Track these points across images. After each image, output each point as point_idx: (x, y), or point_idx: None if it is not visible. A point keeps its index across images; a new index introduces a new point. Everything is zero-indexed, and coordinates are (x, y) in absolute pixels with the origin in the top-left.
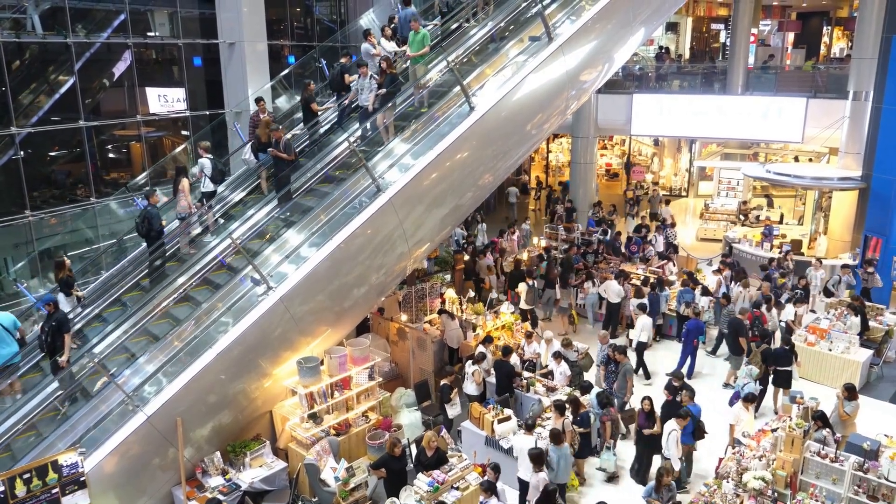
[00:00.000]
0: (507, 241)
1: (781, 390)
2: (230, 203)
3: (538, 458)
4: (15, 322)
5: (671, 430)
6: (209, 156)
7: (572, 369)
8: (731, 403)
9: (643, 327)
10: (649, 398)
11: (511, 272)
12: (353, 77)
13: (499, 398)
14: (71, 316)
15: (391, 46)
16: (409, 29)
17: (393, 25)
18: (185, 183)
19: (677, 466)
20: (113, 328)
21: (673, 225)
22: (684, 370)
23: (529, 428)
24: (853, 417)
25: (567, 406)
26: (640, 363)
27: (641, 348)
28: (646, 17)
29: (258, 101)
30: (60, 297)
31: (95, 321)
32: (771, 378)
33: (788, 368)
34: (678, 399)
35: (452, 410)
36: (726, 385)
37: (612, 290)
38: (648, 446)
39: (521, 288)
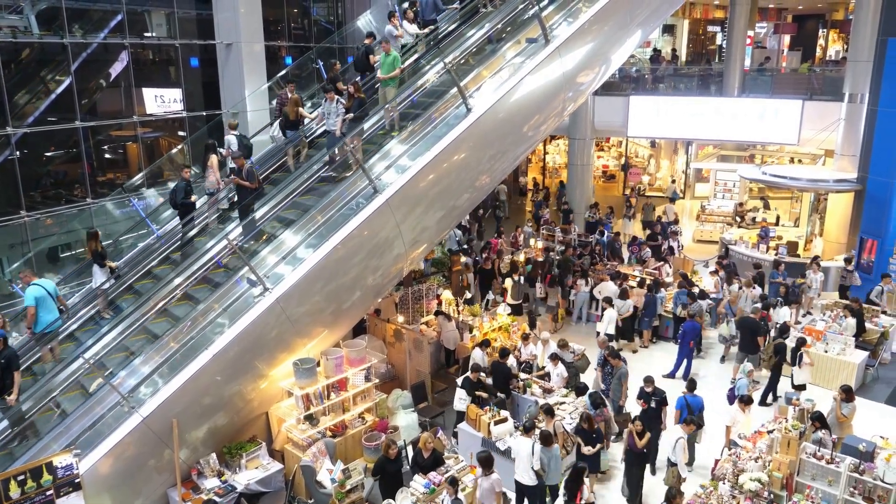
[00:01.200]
0: (504, 242)
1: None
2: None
3: (486, 462)
4: (56, 290)
5: (678, 438)
6: (235, 133)
7: (569, 370)
8: (731, 401)
9: (609, 320)
10: (640, 420)
11: (507, 273)
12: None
13: (496, 400)
14: (105, 287)
15: (413, 29)
16: (431, 12)
17: (415, 9)
18: (213, 159)
19: (685, 473)
20: (107, 330)
21: (676, 222)
22: (680, 372)
23: (528, 430)
24: (850, 419)
25: (583, 425)
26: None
27: (610, 340)
28: (642, 19)
29: (288, 82)
30: (95, 268)
31: (128, 293)
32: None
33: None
34: (652, 405)
35: (461, 405)
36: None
37: (609, 290)
38: (637, 465)
39: (508, 283)
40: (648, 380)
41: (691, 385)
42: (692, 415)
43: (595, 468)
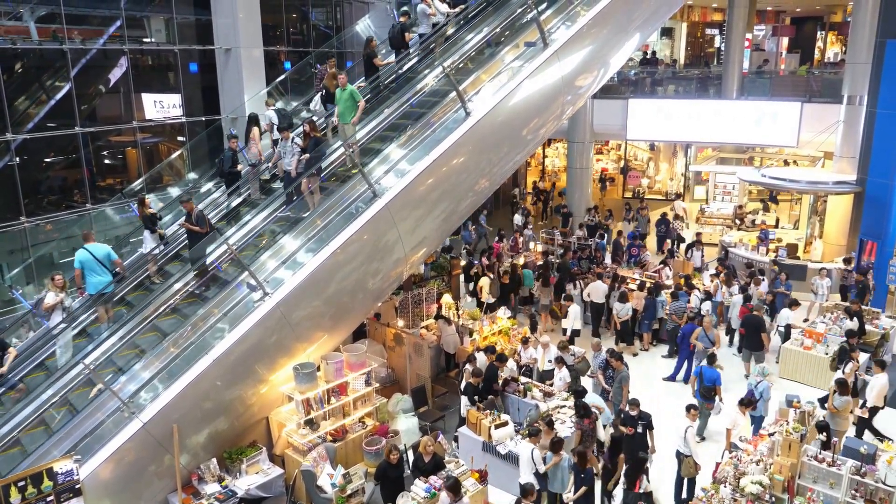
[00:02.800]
0: (504, 246)
1: None
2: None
3: (454, 488)
4: (109, 254)
5: (686, 427)
6: (274, 108)
7: (570, 373)
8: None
9: (574, 316)
10: (613, 437)
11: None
12: (413, 35)
13: (485, 400)
14: (155, 252)
15: (444, 8)
16: None
17: None
18: (255, 132)
19: (700, 461)
20: (107, 335)
21: (679, 218)
22: (681, 375)
23: (532, 435)
24: (844, 412)
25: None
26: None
27: (575, 335)
28: (641, 22)
29: (328, 57)
30: (146, 234)
31: (176, 260)
32: None
33: None
34: (639, 430)
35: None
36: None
37: (598, 290)
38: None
39: (484, 282)
40: (634, 402)
41: (711, 359)
42: (703, 385)
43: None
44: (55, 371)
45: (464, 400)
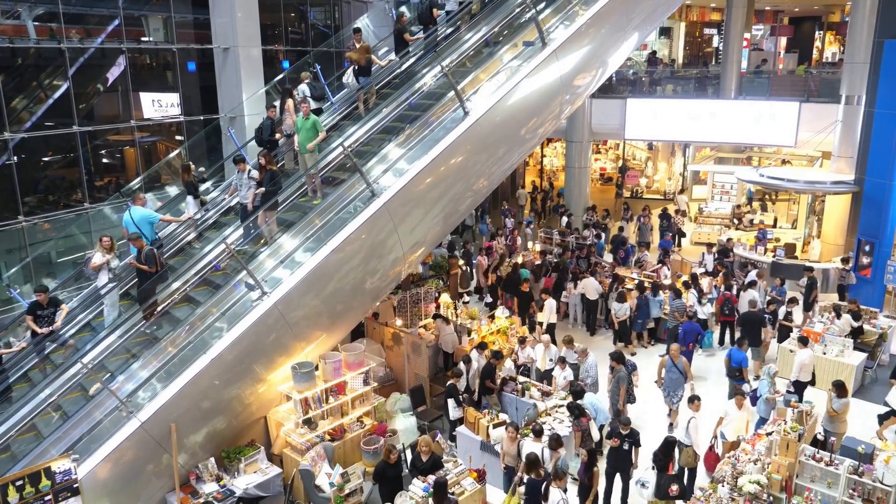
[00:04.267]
0: (499, 245)
1: None
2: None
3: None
4: (148, 217)
5: (690, 418)
6: (307, 82)
7: (571, 369)
8: (753, 402)
9: (550, 309)
10: (588, 450)
11: (508, 276)
12: (441, 12)
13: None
14: (197, 217)
15: None
16: None
17: None
18: (289, 103)
19: (702, 452)
20: (106, 334)
21: (682, 213)
22: None
23: (538, 434)
24: (843, 415)
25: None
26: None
27: (551, 329)
28: (639, 21)
29: (356, 31)
30: (189, 199)
31: (214, 229)
32: None
33: None
34: (625, 446)
35: (455, 413)
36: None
37: (590, 286)
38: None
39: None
40: (625, 422)
41: (740, 341)
42: (731, 366)
43: None
44: (101, 331)
45: (450, 402)
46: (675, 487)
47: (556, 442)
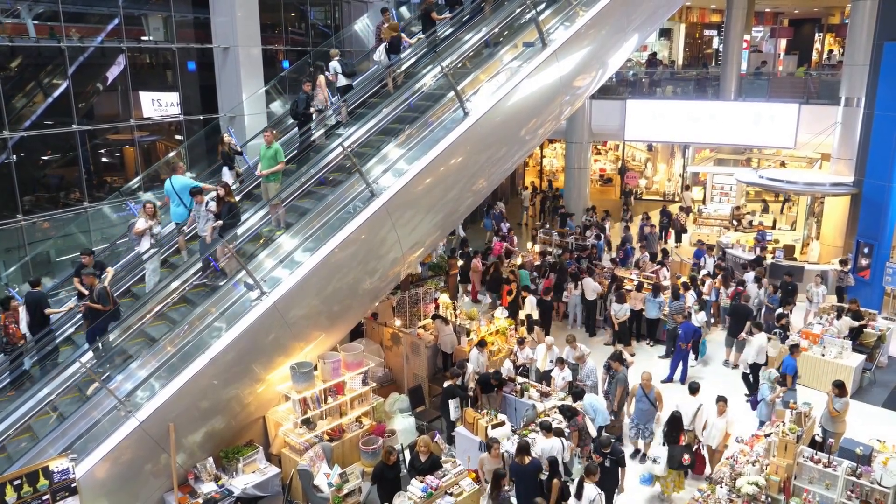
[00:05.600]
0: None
1: None
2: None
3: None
4: (188, 185)
5: (699, 405)
6: (338, 58)
7: (570, 369)
8: (754, 407)
9: (530, 306)
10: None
11: (492, 276)
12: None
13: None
14: (234, 186)
15: None
16: None
17: None
18: (321, 79)
19: (702, 437)
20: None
21: (687, 210)
22: (677, 376)
23: (547, 429)
24: (843, 415)
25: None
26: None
27: (532, 326)
28: (639, 23)
29: (383, 11)
30: (224, 170)
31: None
32: None
33: None
34: (607, 464)
35: (456, 413)
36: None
37: (588, 287)
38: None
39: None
40: (605, 443)
41: (793, 349)
42: (782, 372)
43: None
44: (143, 297)
45: (451, 402)
46: (687, 457)
47: (546, 431)
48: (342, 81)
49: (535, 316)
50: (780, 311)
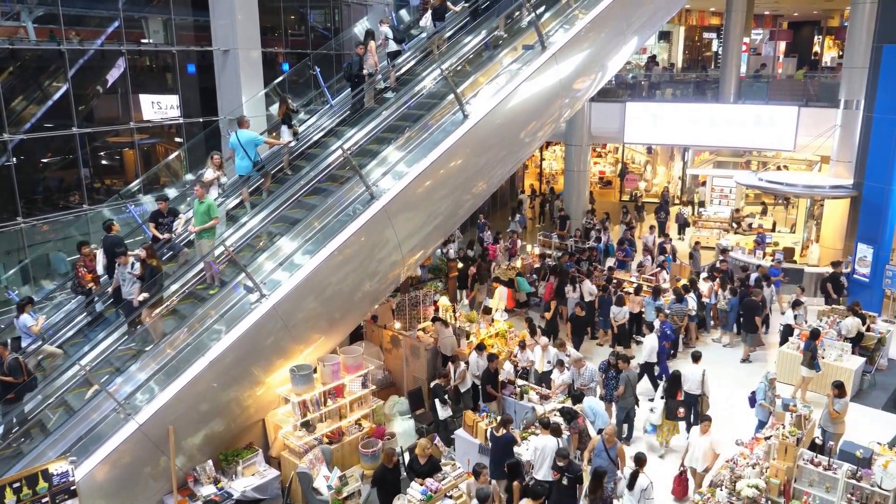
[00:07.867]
0: (500, 248)
1: None
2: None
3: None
4: (254, 139)
5: (703, 371)
6: (388, 24)
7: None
8: (752, 404)
9: (499, 296)
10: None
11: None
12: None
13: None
14: (292, 145)
15: None
16: None
17: None
18: (371, 44)
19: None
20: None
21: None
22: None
23: (545, 426)
24: (843, 415)
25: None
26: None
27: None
28: (639, 26)
29: None
30: (283, 128)
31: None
32: None
33: None
34: (564, 481)
35: (444, 412)
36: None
37: (586, 289)
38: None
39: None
40: (563, 454)
41: (814, 333)
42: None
43: None
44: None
45: (436, 401)
46: (681, 410)
47: (544, 427)
48: (392, 47)
49: (502, 307)
50: (789, 311)
